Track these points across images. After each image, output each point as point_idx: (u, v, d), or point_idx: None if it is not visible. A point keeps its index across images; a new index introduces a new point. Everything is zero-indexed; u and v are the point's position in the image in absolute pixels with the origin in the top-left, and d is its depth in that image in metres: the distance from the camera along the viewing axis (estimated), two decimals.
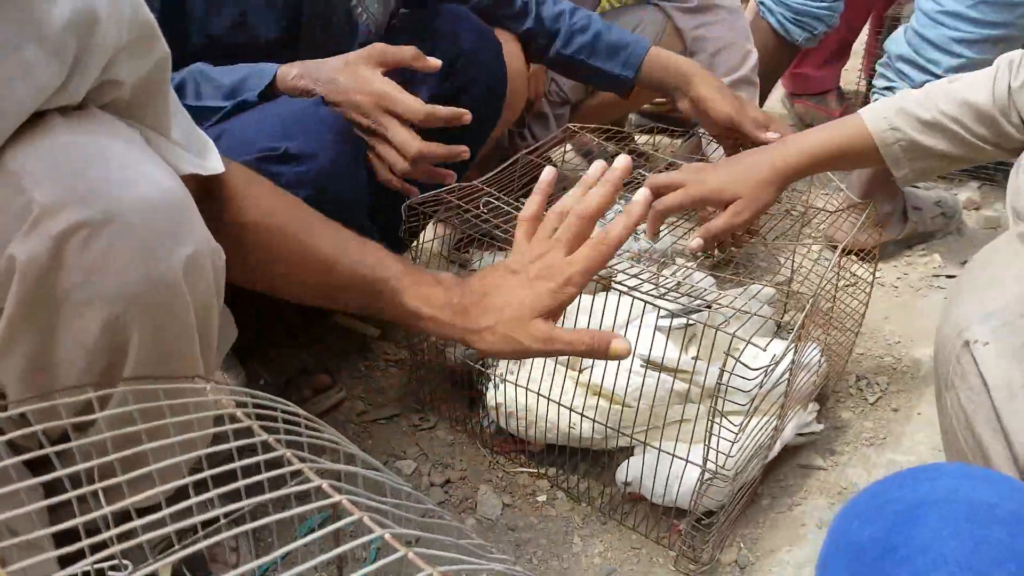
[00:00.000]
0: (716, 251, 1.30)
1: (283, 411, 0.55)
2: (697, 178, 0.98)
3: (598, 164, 0.74)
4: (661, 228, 1.20)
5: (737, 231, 1.03)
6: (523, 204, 0.98)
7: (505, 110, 1.22)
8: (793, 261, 1.23)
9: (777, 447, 0.95)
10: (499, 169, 1.08)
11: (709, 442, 0.80)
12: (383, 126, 0.89)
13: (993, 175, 1.72)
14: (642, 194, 0.71)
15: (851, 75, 2.19)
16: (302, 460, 0.46)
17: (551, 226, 0.73)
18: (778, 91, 2.03)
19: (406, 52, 0.90)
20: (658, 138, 1.51)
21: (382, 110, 0.89)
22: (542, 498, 0.99)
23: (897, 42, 1.44)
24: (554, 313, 0.70)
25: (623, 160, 0.71)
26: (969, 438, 0.62)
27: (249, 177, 0.73)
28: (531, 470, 1.02)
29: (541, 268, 0.70)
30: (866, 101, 1.96)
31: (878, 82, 1.48)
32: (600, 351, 0.67)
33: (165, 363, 0.60)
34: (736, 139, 1.18)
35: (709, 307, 0.88)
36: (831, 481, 1.01)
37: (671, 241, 1.19)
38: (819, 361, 1.01)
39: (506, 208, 1.01)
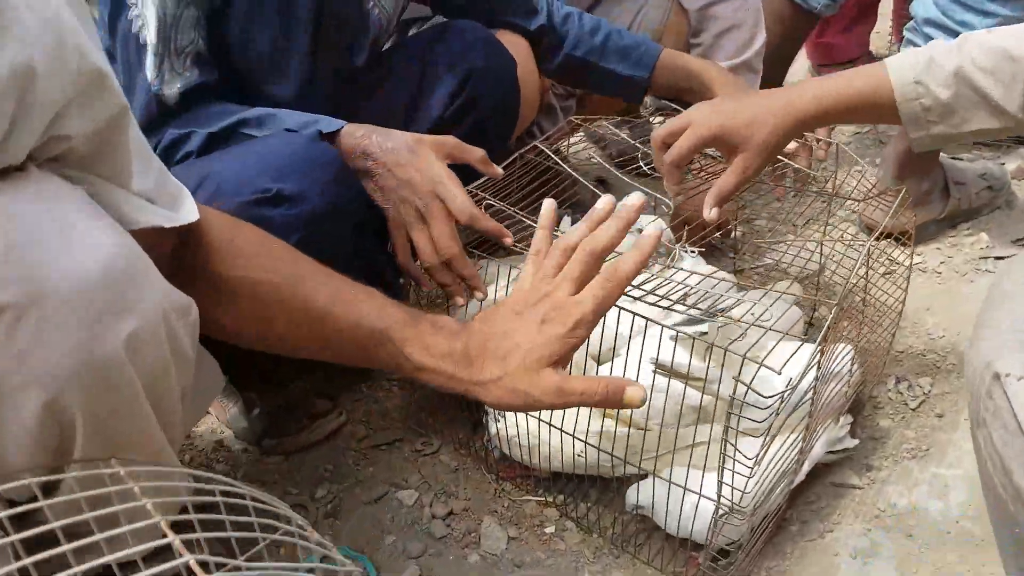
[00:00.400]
0: (710, 238, 1.21)
1: (224, 492, 0.50)
2: (702, 117, 0.89)
3: (607, 199, 0.69)
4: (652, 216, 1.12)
5: (748, 184, 0.94)
6: (521, 211, 0.94)
7: (519, 121, 1.15)
8: (822, 250, 1.13)
9: (805, 469, 0.87)
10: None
11: (722, 476, 0.72)
12: (431, 214, 0.86)
13: None
14: (655, 227, 0.65)
15: (883, 38, 2.05)
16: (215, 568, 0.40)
17: (556, 262, 0.67)
18: (804, 61, 1.91)
19: (476, 153, 0.91)
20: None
21: (435, 197, 0.86)
22: (550, 529, 0.92)
23: (924, 4, 1.31)
24: (564, 360, 0.65)
25: (636, 198, 0.66)
26: (1007, 484, 0.53)
27: (234, 225, 0.69)
28: (538, 498, 0.95)
29: (548, 310, 0.64)
30: None
31: (906, 49, 1.36)
32: (615, 400, 0.63)
33: (114, 440, 0.57)
34: None
35: (714, 316, 0.79)
36: (868, 502, 0.92)
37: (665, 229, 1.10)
38: (851, 369, 0.92)
39: (508, 212, 0.94)
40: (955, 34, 1.28)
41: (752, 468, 0.71)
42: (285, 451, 1.04)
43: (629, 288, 0.77)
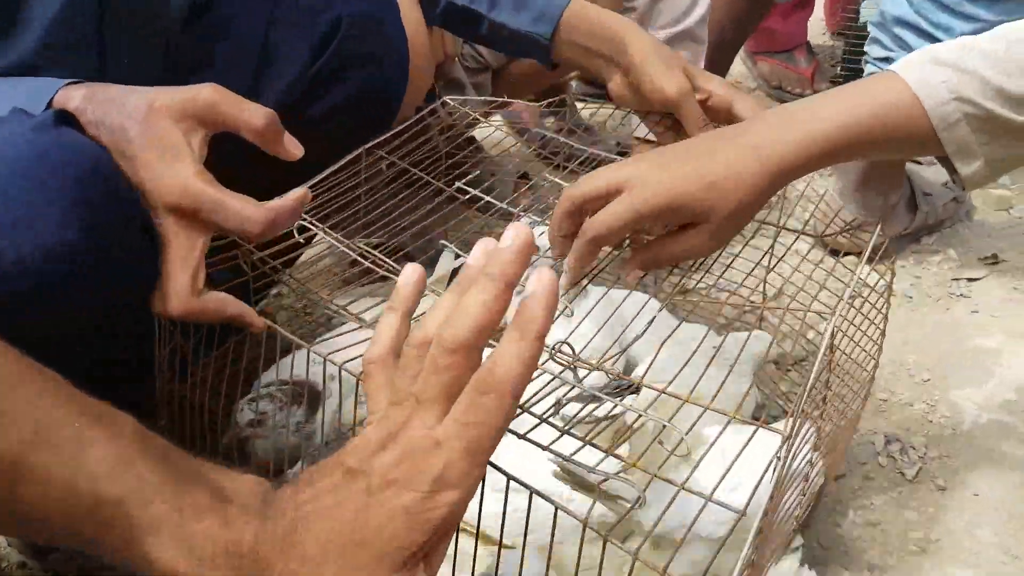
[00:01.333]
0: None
1: None
2: (642, 179, 0.61)
3: (482, 245, 0.42)
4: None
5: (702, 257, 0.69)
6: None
7: (407, 91, 0.85)
8: (770, 261, 0.89)
9: None
10: (327, 173, 0.70)
11: None
12: (164, 237, 0.52)
13: None
14: (545, 280, 0.36)
15: (816, 25, 1.90)
16: None
17: (411, 371, 0.38)
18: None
19: (254, 116, 0.53)
20: (607, 110, 1.15)
21: (170, 210, 0.52)
22: None
23: (895, 0, 1.12)
24: (426, 552, 0.36)
25: (520, 235, 0.37)
26: None
27: None
28: None
29: (393, 462, 0.36)
30: (845, 62, 1.66)
31: (872, 49, 1.17)
32: None
33: None
34: (674, 127, 0.83)
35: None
36: None
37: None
38: (812, 460, 0.66)
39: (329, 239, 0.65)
40: (930, 37, 1.10)
41: None
42: (84, 570, 0.72)
43: None
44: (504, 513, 0.51)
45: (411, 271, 0.44)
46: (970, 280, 1.15)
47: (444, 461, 0.35)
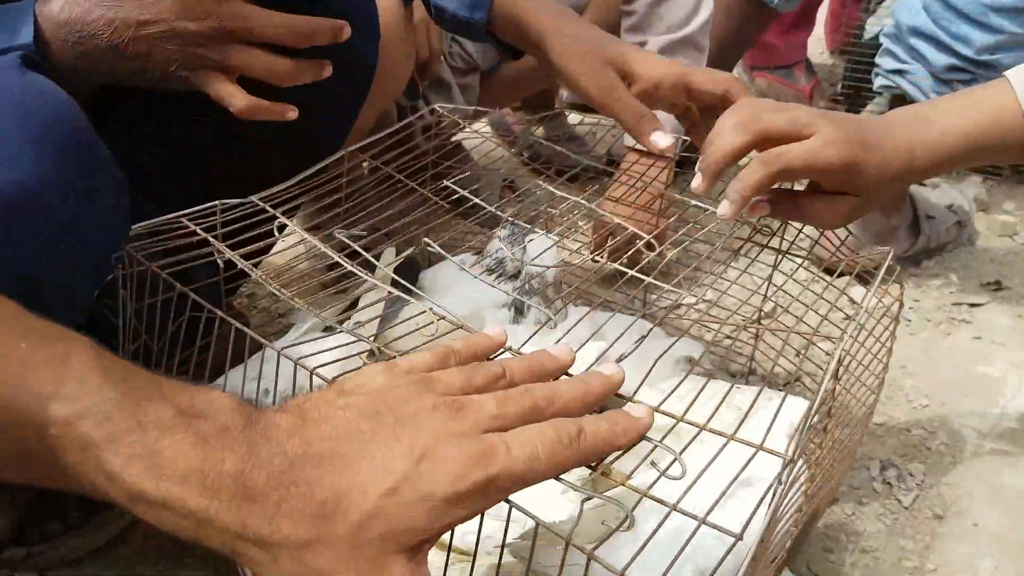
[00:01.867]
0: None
1: None
2: (830, 129, 0.59)
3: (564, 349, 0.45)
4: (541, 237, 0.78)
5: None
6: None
7: (382, 77, 0.82)
8: (767, 288, 0.86)
9: None
10: (307, 173, 0.68)
11: None
12: (240, 16, 0.60)
13: (999, 168, 1.42)
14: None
15: (815, 45, 1.88)
16: None
17: (487, 372, 0.41)
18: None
19: None
20: (594, 119, 1.12)
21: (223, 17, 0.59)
22: None
23: (911, 9, 1.09)
24: (431, 543, 0.34)
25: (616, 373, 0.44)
26: None
27: None
28: None
29: (442, 435, 0.34)
30: (847, 79, 1.64)
31: (884, 61, 1.14)
32: None
33: None
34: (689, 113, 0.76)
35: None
36: None
37: (553, 255, 0.80)
38: (808, 492, 0.61)
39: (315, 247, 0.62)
40: (948, 49, 1.08)
41: None
42: (40, 568, 0.68)
43: None
44: (480, 528, 0.48)
45: (496, 334, 0.45)
46: (972, 306, 1.12)
47: (500, 468, 0.34)
